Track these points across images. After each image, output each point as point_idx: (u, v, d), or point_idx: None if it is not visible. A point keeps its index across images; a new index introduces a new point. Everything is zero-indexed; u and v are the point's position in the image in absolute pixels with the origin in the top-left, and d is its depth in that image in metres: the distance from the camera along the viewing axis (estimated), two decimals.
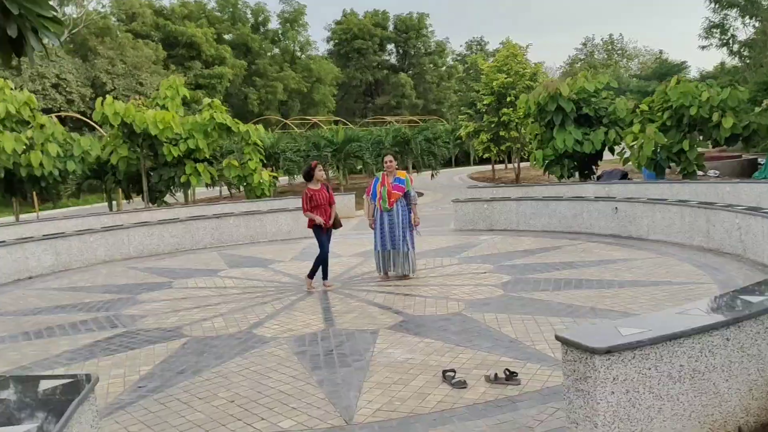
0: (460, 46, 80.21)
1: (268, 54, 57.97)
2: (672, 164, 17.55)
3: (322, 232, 9.78)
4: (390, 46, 72.53)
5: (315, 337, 7.23)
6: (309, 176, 9.90)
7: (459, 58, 76.08)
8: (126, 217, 17.89)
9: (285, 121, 41.93)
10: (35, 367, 6.75)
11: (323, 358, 6.49)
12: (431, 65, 71.46)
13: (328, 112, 58.38)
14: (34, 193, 18.03)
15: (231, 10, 56.39)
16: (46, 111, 31.08)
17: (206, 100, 19.81)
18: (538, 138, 19.61)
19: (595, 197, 13.82)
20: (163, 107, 19.37)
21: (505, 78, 26.98)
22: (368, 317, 7.92)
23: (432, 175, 25.37)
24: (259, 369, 6.24)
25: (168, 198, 21.58)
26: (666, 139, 16.76)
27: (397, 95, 67.11)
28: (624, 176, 21.29)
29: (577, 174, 19.33)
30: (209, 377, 6.10)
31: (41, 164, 16.46)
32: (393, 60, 73.69)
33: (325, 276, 9.96)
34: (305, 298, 9.20)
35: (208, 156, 20.18)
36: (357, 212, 20.57)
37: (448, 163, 38.53)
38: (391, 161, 10.05)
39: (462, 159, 43.38)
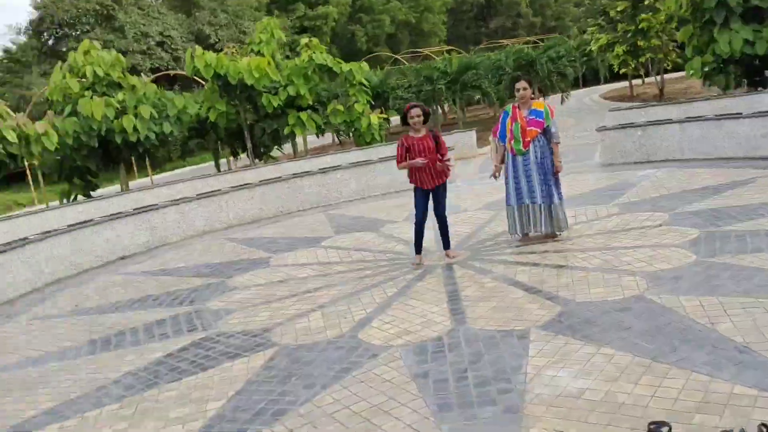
0: None
1: None
2: None
3: (425, 192, 7.67)
4: None
5: (440, 345, 5.21)
6: (404, 120, 7.77)
7: None
8: (230, 178, 16.58)
9: (395, 56, 39.52)
10: (80, 402, 5.21)
11: (454, 385, 4.47)
12: None
13: (439, 41, 55.17)
14: (133, 159, 16.97)
15: None
16: (154, 71, 30.56)
17: (303, 40, 17.89)
18: (693, 43, 16.16)
19: None
20: (259, 53, 17.69)
21: None
22: (512, 308, 5.78)
23: (562, 99, 22.39)
24: (362, 408, 4.33)
25: (275, 152, 20.14)
26: None
27: (511, 15, 62.56)
28: None
29: (745, 83, 15.82)
30: (293, 424, 4.27)
31: (135, 128, 15.32)
32: None
33: (446, 245, 7.89)
34: (424, 276, 7.19)
35: (311, 102, 18.41)
36: (480, 150, 18.21)
37: (574, 84, 34.86)
38: (525, 88, 7.67)
39: (590, 78, 39.26)
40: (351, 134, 18.60)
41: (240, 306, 7.22)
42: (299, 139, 26.14)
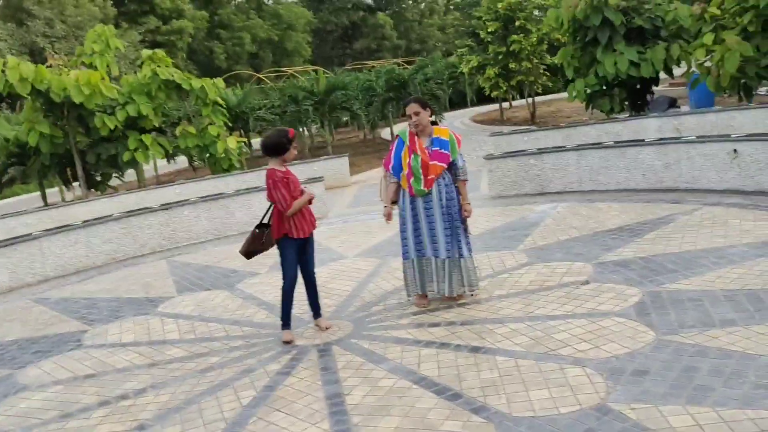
0: None
1: (232, 2, 52.58)
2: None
3: (300, 243, 5.80)
4: None
5: None
6: (280, 149, 5.74)
7: None
8: (54, 214, 13.70)
9: (257, 75, 37.23)
10: None
11: None
12: (411, 1, 66.13)
13: (304, 61, 53.42)
14: None
15: None
16: None
17: (145, 53, 15.32)
18: (574, 64, 15.35)
19: (697, 137, 9.70)
20: (91, 66, 14.96)
21: None
22: (423, 430, 3.92)
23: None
24: None
25: (114, 181, 17.30)
26: (752, 50, 12.56)
27: (377, 37, 62.10)
28: (672, 104, 17.19)
29: (627, 106, 15.17)
30: None
31: None
32: (369, 0, 68.25)
33: (318, 311, 6.00)
34: (294, 367, 5.18)
35: (156, 124, 15.84)
36: (353, 177, 16.43)
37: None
38: (417, 113, 5.90)
39: (457, 100, 38.89)
40: (205, 160, 16.20)
41: (21, 425, 4.85)
42: (149, 165, 23.24)
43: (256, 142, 22.90)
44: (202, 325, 6.63)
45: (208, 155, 15.92)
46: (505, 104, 34.17)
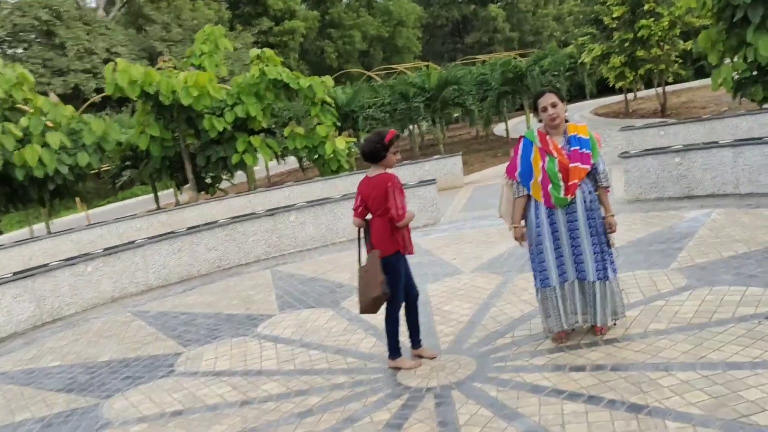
0: None
1: (343, 0, 52.63)
2: None
3: (406, 262, 5.11)
4: None
5: None
6: (376, 156, 4.90)
7: None
8: (164, 219, 13.58)
9: (367, 73, 36.82)
10: None
11: None
12: None
13: (414, 57, 52.74)
14: (47, 197, 13.75)
15: None
16: (99, 91, 27.45)
17: (253, 52, 14.95)
18: (718, 48, 13.55)
19: None
20: (200, 67, 14.78)
21: None
22: None
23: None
24: None
25: (225, 184, 17.14)
26: None
27: (488, 31, 60.33)
28: None
29: None
30: None
31: (41, 161, 12.29)
32: None
33: (416, 340, 5.20)
34: (405, 418, 4.27)
35: (265, 125, 15.48)
36: (467, 178, 15.38)
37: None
38: (555, 105, 4.82)
39: (575, 93, 36.80)
40: (314, 161, 15.68)
41: None
42: (259, 166, 23.22)
43: None
44: (303, 352, 5.86)
45: (316, 156, 15.37)
46: (630, 95, 31.93)
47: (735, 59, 13.43)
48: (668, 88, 25.90)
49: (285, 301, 7.66)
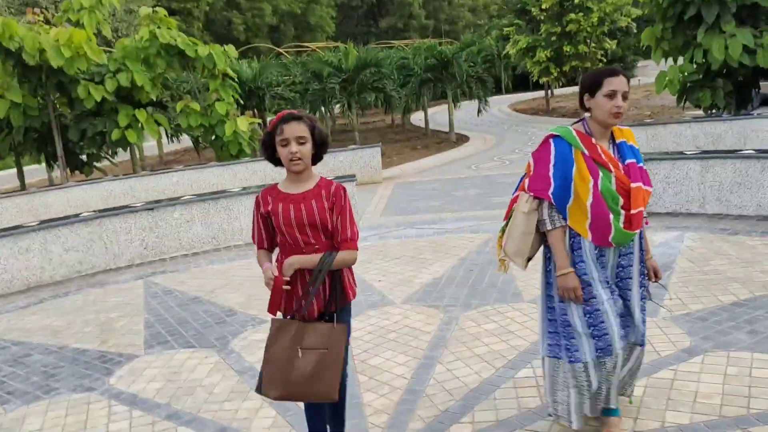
0: None
1: None
2: None
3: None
4: None
5: None
6: (271, 150, 3.02)
7: None
8: (21, 202, 11.21)
9: (277, 49, 34.48)
10: None
11: None
12: None
13: (327, 38, 50.61)
14: None
15: None
16: None
17: (144, 10, 12.64)
18: (663, 47, 12.54)
19: None
20: (77, 24, 12.36)
21: None
22: None
23: (479, 111, 18.48)
24: None
25: (107, 163, 14.72)
26: None
27: (403, 16, 58.95)
28: (766, 100, 14.37)
29: (733, 102, 12.33)
30: None
31: None
32: None
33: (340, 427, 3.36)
34: None
35: (154, 97, 13.22)
36: (385, 172, 13.74)
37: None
38: (626, 94, 3.04)
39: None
40: (210, 143, 13.60)
41: None
42: (152, 142, 20.71)
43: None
44: (169, 430, 4.04)
45: (214, 137, 13.29)
46: (535, 93, 31.34)
47: (680, 60, 12.47)
48: None
49: (155, 334, 5.76)
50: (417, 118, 23.59)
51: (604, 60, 21.89)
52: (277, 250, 3.19)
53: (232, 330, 5.63)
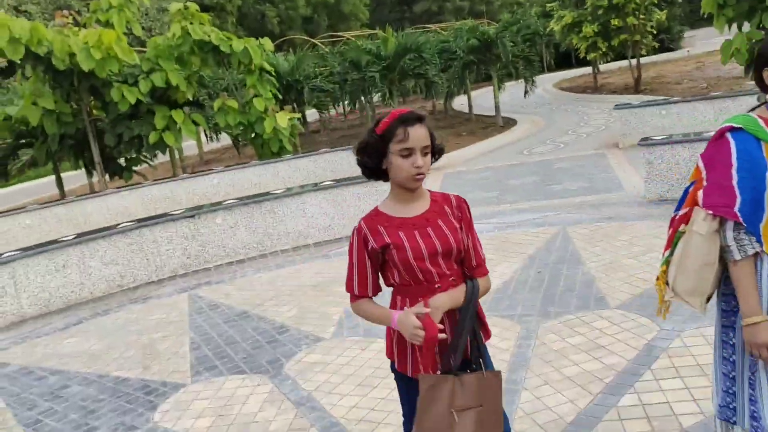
0: None
1: None
2: None
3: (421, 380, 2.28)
4: None
5: None
6: (371, 168, 2.33)
7: None
8: (61, 212, 10.93)
9: (312, 40, 33.98)
10: None
11: None
12: None
13: (361, 26, 49.89)
14: None
15: None
16: None
17: (174, 5, 12.22)
18: (726, 13, 11.56)
19: None
20: (107, 24, 11.98)
21: None
22: None
23: (526, 92, 17.66)
24: None
25: (146, 165, 14.39)
26: None
27: None
28: None
29: None
30: None
31: None
32: None
33: None
34: None
35: (191, 97, 12.80)
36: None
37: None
38: None
39: None
40: (250, 141, 13.14)
41: None
42: (191, 142, 20.41)
43: (311, 111, 19.62)
44: None
45: (253, 135, 12.82)
46: (590, 69, 30.14)
47: (746, 27, 11.50)
48: (633, 62, 24.03)
49: (202, 357, 5.27)
50: (459, 102, 22.81)
51: (654, 32, 20.77)
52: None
53: (285, 351, 5.10)
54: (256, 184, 12.10)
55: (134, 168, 13.76)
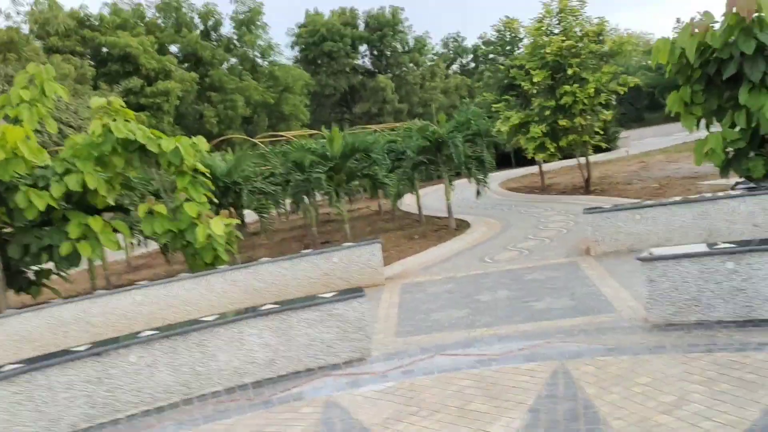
0: (436, 44, 71.43)
1: (224, 64, 48.95)
2: None
3: None
4: (363, 48, 63.95)
5: None
6: None
7: (437, 56, 67.99)
8: None
9: (252, 140, 33.08)
10: None
11: None
12: (412, 64, 63.01)
13: (301, 126, 49.59)
14: None
15: (174, 15, 47.18)
16: None
17: (96, 101, 10.85)
18: (695, 113, 11.01)
19: None
20: (16, 121, 10.53)
21: (563, 41, 18.49)
22: None
23: (478, 193, 16.78)
24: None
25: (53, 280, 12.56)
26: None
27: (377, 101, 58.52)
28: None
29: None
30: None
31: None
32: (368, 64, 65.29)
33: None
34: None
35: (112, 201, 11.28)
36: (386, 270, 11.70)
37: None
38: None
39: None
40: (181, 250, 11.61)
41: None
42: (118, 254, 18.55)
43: (253, 219, 18.18)
44: None
45: (185, 243, 11.30)
46: (532, 168, 30.00)
47: (714, 126, 10.96)
48: (574, 161, 23.69)
49: None
50: (406, 203, 21.87)
51: (601, 132, 20.58)
52: None
53: None
54: (186, 300, 10.48)
55: (44, 281, 11.95)
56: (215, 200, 12.16)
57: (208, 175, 11.91)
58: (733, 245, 6.47)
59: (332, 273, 10.91)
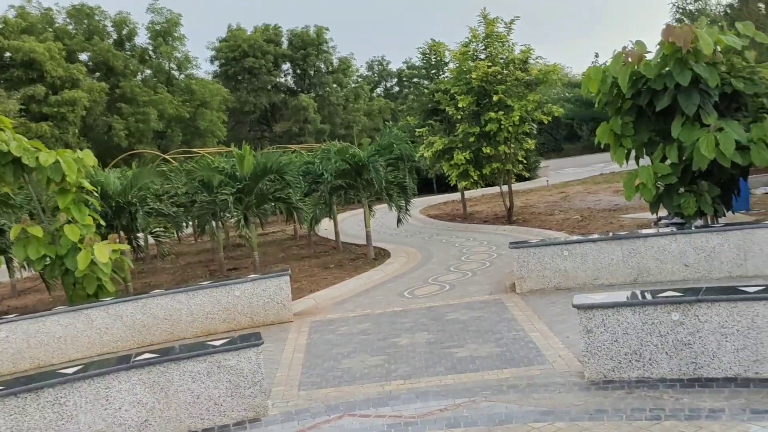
0: (361, 65, 70.98)
1: (138, 75, 46.68)
2: None
3: None
4: (286, 66, 62.82)
5: None
6: None
7: (361, 78, 67.70)
8: None
9: (163, 155, 31.27)
10: None
11: None
12: (336, 85, 62.28)
13: (218, 143, 47.80)
14: None
15: (86, 21, 44.68)
16: None
17: None
18: (626, 145, 10.54)
19: None
20: None
21: (489, 67, 18.03)
22: None
23: (399, 221, 15.91)
24: None
25: None
26: None
27: (299, 120, 57.32)
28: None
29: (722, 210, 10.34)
30: None
31: None
32: (291, 82, 64.18)
33: None
34: None
35: None
36: (295, 305, 10.61)
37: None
38: None
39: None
40: (60, 278, 10.17)
41: None
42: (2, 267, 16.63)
43: (144, 236, 16.65)
44: None
45: (64, 271, 9.88)
46: (454, 195, 29.60)
47: (645, 160, 10.52)
48: (496, 189, 23.30)
49: None
50: (324, 227, 20.84)
51: (525, 161, 20.24)
52: None
53: None
54: (61, 338, 9.10)
55: None
56: (103, 223, 10.77)
57: (95, 194, 10.53)
58: (679, 294, 5.79)
59: (233, 308, 9.77)
